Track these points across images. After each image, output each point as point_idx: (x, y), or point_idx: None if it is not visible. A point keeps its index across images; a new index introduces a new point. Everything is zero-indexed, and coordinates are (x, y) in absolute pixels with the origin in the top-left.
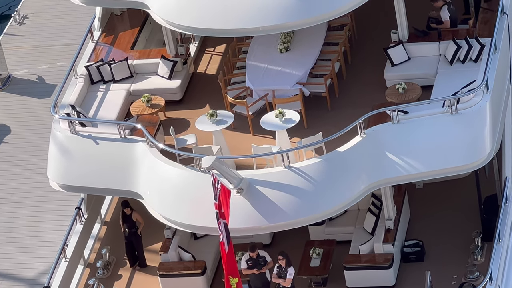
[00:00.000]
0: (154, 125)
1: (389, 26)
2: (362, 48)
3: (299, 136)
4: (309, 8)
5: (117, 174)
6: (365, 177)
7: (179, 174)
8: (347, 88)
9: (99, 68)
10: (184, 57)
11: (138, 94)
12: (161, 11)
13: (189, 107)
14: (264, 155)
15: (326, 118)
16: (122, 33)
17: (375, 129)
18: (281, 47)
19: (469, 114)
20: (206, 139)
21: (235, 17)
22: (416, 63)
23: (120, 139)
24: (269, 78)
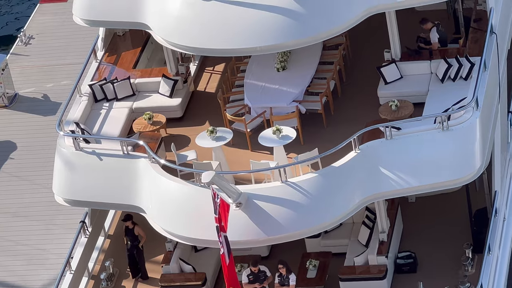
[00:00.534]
0: (155, 141)
1: (382, 45)
2: (356, 67)
3: (296, 152)
4: (305, 29)
5: (120, 189)
6: (359, 191)
7: (180, 188)
8: (342, 106)
9: (102, 87)
10: (184, 76)
11: (140, 111)
12: (162, 32)
13: (190, 124)
14: (262, 170)
15: (321, 134)
16: (124, 53)
17: (369, 145)
18: (278, 66)
19: (460, 130)
20: (206, 155)
21: (233, 37)
22: (408, 81)
23: (123, 155)
24: (266, 96)
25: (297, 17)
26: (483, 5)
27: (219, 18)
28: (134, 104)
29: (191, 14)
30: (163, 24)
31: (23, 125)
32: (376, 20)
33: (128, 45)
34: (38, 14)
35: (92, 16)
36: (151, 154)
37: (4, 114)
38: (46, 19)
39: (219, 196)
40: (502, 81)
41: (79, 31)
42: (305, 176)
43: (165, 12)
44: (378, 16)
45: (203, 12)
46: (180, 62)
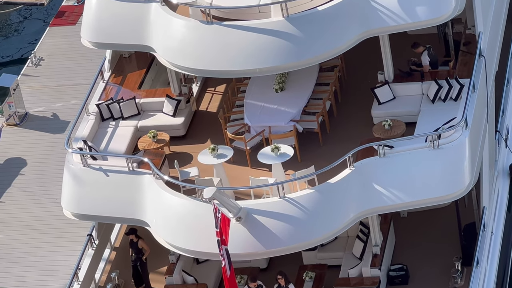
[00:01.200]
0: (159, 158)
1: (376, 67)
2: (351, 87)
3: (293, 169)
4: (303, 51)
5: (125, 203)
6: (354, 206)
7: (182, 203)
8: (338, 125)
9: (109, 106)
10: (187, 96)
11: (145, 130)
12: (166, 54)
13: (192, 142)
14: (261, 186)
15: (318, 152)
16: (130, 74)
17: (363, 162)
18: (276, 87)
19: (450, 148)
20: (208, 172)
21: (234, 59)
22: (401, 101)
23: (129, 172)
24: (265, 115)
25: (294, 41)
26: (472, 29)
27: (220, 41)
28: (139, 122)
29: (193, 37)
30: (167, 46)
31: (33, 142)
32: (370, 44)
33: (133, 67)
34: (48, 37)
35: (100, 39)
36: (155, 170)
37: (15, 132)
38: (55, 42)
39: (220, 211)
40: (490, 101)
41: (87, 53)
42: (302, 192)
43: (169, 35)
44: (372, 40)
45: (205, 35)
46: (183, 83)
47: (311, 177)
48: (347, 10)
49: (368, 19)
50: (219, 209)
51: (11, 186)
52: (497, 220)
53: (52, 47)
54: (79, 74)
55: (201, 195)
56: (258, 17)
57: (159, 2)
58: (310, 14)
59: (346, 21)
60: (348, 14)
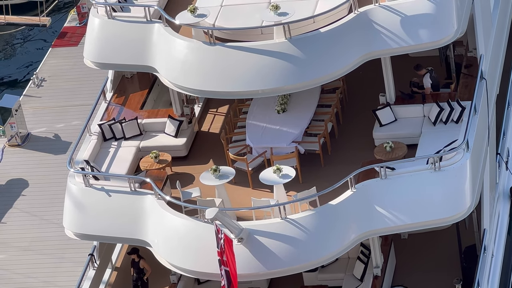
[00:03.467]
0: (161, 179)
1: (377, 89)
2: (353, 109)
3: (295, 190)
4: (305, 73)
5: (127, 224)
6: (355, 228)
7: (184, 224)
8: (339, 146)
9: (111, 127)
10: (189, 117)
11: (147, 150)
12: (168, 75)
13: (194, 163)
14: (263, 207)
15: (319, 173)
16: (132, 94)
17: (364, 184)
18: (278, 108)
19: (451, 171)
20: (210, 193)
21: (236, 80)
22: (402, 123)
23: (131, 192)
24: (267, 136)
25: (296, 62)
26: (473, 52)
27: (222, 62)
28: (141, 143)
29: (196, 58)
30: (169, 67)
31: (35, 163)
32: (371, 66)
33: (135, 87)
34: (50, 58)
35: (102, 59)
36: (157, 191)
37: (17, 153)
38: (57, 62)
39: (223, 232)
40: (491, 124)
41: (89, 74)
42: (304, 213)
43: (171, 56)
44: (373, 62)
45: (207, 56)
46: (185, 103)
47: (313, 198)
48: (350, 32)
49: (370, 41)
50: (222, 230)
51: (12, 207)
52: (498, 242)
53: (54, 68)
54: (81, 94)
55: (203, 215)
56: (260, 39)
57: (162, 23)
58: (313, 36)
59: (348, 43)
60: (350, 36)
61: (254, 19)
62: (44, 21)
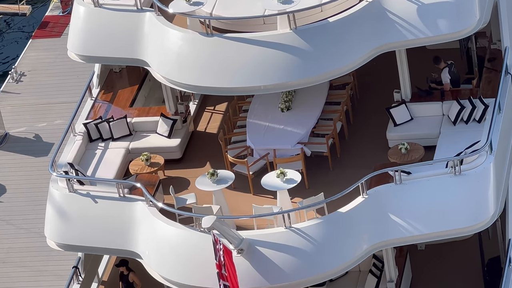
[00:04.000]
0: (153, 184)
1: (391, 85)
2: (364, 107)
3: (301, 197)
4: (311, 67)
5: (115, 233)
6: (367, 238)
7: (178, 234)
8: (349, 148)
9: (97, 126)
10: (183, 115)
11: (137, 152)
12: (161, 69)
13: (189, 166)
14: (265, 215)
15: (327, 178)
16: (121, 90)
17: (377, 190)
18: (282, 106)
19: (473, 175)
20: (206, 199)
21: (236, 75)
22: (419, 123)
23: (119, 198)
24: (270, 137)
25: (302, 56)
26: (497, 44)
27: (221, 55)
28: (131, 144)
29: (191, 50)
30: (162, 60)
31: (13, 166)
32: (385, 59)
33: (125, 83)
34: (30, 50)
35: (88, 52)
36: (148, 197)
37: None
38: (38, 55)
39: (221, 242)
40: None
41: (73, 68)
42: (310, 222)
43: (164, 48)
44: (387, 55)
45: (204, 48)
46: (180, 100)
47: (320, 205)
48: (361, 22)
49: (384, 32)
50: (220, 240)
51: None
52: None
53: (35, 61)
54: (65, 90)
55: (199, 224)
56: (263, 29)
57: (154, 12)
58: (320, 26)
59: (359, 34)
60: (362, 26)
61: (256, 7)
62: (23, 9)
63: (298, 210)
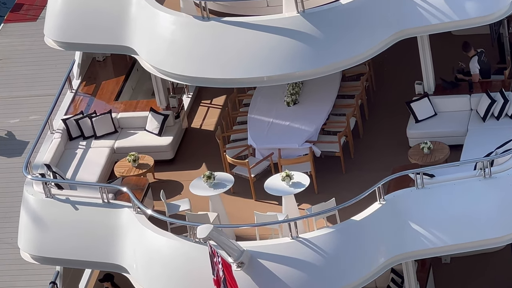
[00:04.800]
0: (141, 188)
1: (413, 76)
2: (382, 101)
3: (309, 203)
4: (321, 56)
5: (98, 244)
6: (384, 250)
7: (170, 245)
8: (364, 148)
9: (78, 122)
10: (176, 110)
11: (123, 152)
12: (151, 57)
13: (182, 168)
14: (269, 224)
15: (339, 181)
16: (105, 81)
17: (396, 195)
18: (288, 100)
19: (505, 178)
20: (202, 205)
21: (235, 64)
22: (443, 119)
23: (103, 204)
24: (274, 135)
25: (311, 42)
26: None
27: (218, 42)
28: (116, 143)
29: (185, 36)
30: (151, 48)
31: None
32: (406, 46)
33: (109, 73)
34: (1, 36)
35: (67, 38)
36: (136, 203)
37: None
38: (11, 42)
39: (219, 255)
40: None
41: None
42: (320, 232)
43: (154, 34)
44: (408, 41)
45: (199, 34)
46: (172, 93)
47: (331, 212)
48: (378, 5)
49: (404, 15)
50: (218, 252)
51: None
52: None
53: (7, 49)
54: (41, 82)
55: (194, 234)
56: (266, 12)
57: None
58: (332, 9)
59: (376, 18)
60: (379, 9)
61: None
62: None
63: (306, 218)
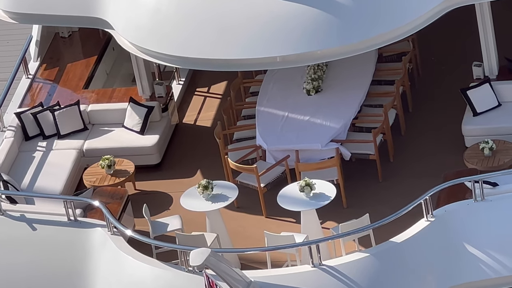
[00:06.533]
0: (119, 201)
1: (469, 56)
2: (429, 88)
3: (336, 220)
4: (350, 30)
5: (62, 273)
6: (433, 280)
7: (156, 275)
8: (407, 149)
9: (36, 117)
10: (163, 100)
11: (95, 155)
12: (130, 32)
13: (172, 175)
14: (283, 247)
15: (375, 192)
16: (71, 64)
17: (448, 210)
18: (308, 87)
19: None
20: (197, 224)
21: (240, 41)
22: (509, 111)
23: (68, 223)
24: (290, 133)
25: (338, 13)
26: None
27: (218, 14)
28: (86, 143)
29: (175, 4)
30: (131, 21)
31: None
32: (460, 17)
33: (76, 53)
34: None
35: (22, 8)
36: (111, 221)
37: None
38: None
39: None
40: None
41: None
42: (350, 257)
43: (134, 2)
44: (463, 11)
45: (194, 4)
46: (158, 79)
47: (365, 232)
48: None
49: None
50: (216, 284)
51: None
52: None
53: None
54: None
55: (186, 261)
56: None
57: None
58: None
59: None
60: None
61: None
62: None
63: (332, 240)
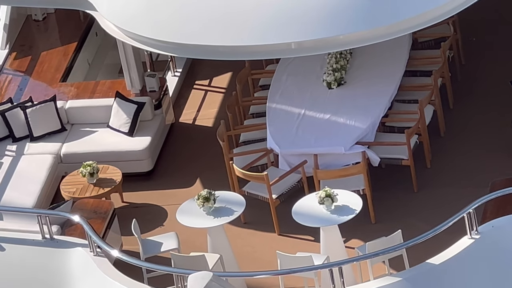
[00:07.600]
0: (103, 216)
1: None
2: (474, 81)
3: (362, 238)
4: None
5: None
6: None
7: None
8: (447, 152)
9: (4, 115)
10: (156, 95)
11: (74, 161)
12: (116, 15)
13: (166, 185)
14: (300, 270)
15: (409, 205)
16: (46, 52)
17: (496, 225)
18: (329, 79)
19: None
20: (197, 242)
21: (249, 25)
22: None
23: (43, 242)
24: (308, 134)
25: None
26: None
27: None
28: (64, 147)
29: None
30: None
31: None
32: None
33: (53, 39)
34: None
35: None
36: (94, 239)
37: None
38: None
39: None
40: None
41: None
42: (379, 282)
43: None
44: None
45: None
46: (150, 70)
47: (397, 253)
48: None
49: None
50: None
51: None
52: None
53: None
54: None
55: (184, 287)
56: None
57: None
58: None
59: None
60: None
61: None
62: None
63: (358, 261)
